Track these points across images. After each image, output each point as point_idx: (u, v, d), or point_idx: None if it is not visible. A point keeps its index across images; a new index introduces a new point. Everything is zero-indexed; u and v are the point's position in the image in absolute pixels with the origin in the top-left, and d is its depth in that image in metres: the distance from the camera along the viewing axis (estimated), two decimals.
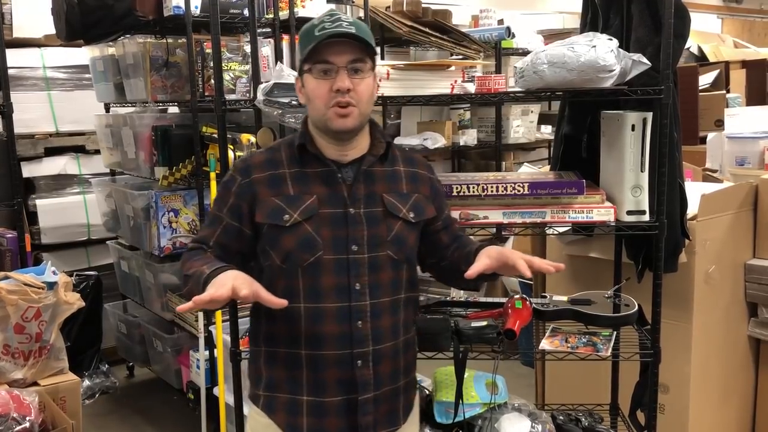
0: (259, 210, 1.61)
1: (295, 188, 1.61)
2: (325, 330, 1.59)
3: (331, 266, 1.59)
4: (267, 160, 1.65)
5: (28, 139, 3.99)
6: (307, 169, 1.63)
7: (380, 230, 1.63)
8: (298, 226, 1.58)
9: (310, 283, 1.59)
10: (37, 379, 2.65)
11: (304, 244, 1.58)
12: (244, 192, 1.62)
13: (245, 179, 1.63)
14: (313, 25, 1.57)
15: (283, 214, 1.59)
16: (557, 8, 5.86)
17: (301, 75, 1.62)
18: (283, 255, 1.59)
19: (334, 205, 1.61)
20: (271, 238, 1.60)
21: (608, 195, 2.16)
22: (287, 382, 1.64)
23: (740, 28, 8.28)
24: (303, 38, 1.59)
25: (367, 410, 1.63)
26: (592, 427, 2.31)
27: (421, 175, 1.74)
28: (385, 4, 4.29)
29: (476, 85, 2.20)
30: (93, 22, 3.38)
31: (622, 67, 1.95)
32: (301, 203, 1.60)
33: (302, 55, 1.57)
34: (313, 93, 1.58)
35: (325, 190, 1.61)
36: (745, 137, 3.27)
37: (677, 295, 2.49)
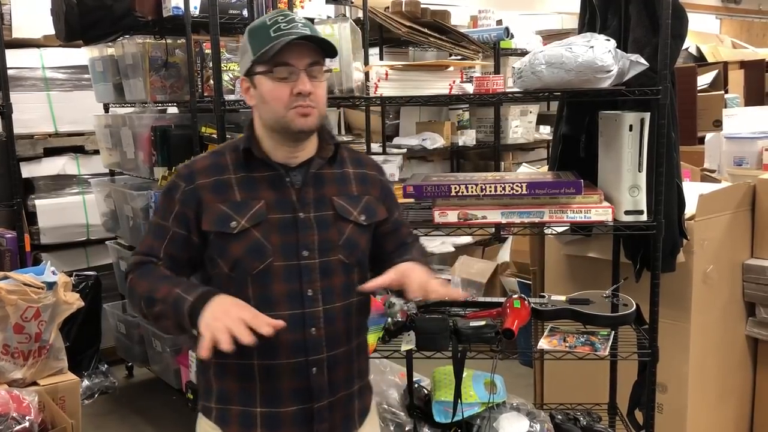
0: (205, 217, 1.55)
1: (242, 194, 1.56)
2: (278, 338, 1.50)
3: (281, 273, 1.54)
4: (211, 165, 1.59)
5: (28, 140, 3.99)
6: (254, 174, 1.58)
7: (331, 234, 1.59)
8: (246, 233, 1.53)
9: (260, 291, 1.54)
10: (36, 378, 2.64)
11: (252, 251, 1.53)
12: (189, 199, 1.56)
13: (189, 185, 1.57)
14: (265, 24, 1.53)
15: (230, 220, 1.53)
16: (556, 9, 5.87)
17: (250, 75, 1.55)
18: (232, 263, 1.54)
19: (282, 210, 1.56)
20: (219, 246, 1.55)
21: (606, 195, 2.17)
22: (240, 395, 1.58)
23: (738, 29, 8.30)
24: (255, 38, 1.54)
25: (323, 418, 1.59)
26: (591, 426, 2.32)
27: (370, 176, 1.70)
28: (383, 4, 4.30)
29: (475, 86, 2.21)
30: (92, 22, 3.38)
31: (619, 67, 1.96)
32: (248, 209, 1.54)
33: (255, 56, 1.51)
34: (270, 95, 1.52)
35: (273, 195, 1.56)
36: (743, 137, 3.28)
37: (675, 294, 2.50)
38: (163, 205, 1.60)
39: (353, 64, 2.11)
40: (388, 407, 2.31)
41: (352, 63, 2.10)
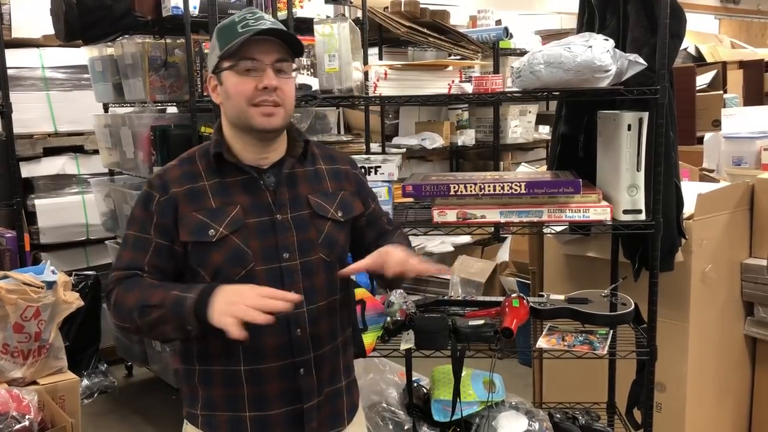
0: (182, 228, 1.52)
1: (217, 200, 1.53)
2: (264, 343, 1.52)
3: (263, 277, 1.52)
4: (184, 173, 1.56)
5: (27, 139, 4.00)
6: (227, 179, 1.55)
7: (310, 234, 1.58)
8: (225, 240, 1.50)
9: None
10: (36, 378, 2.65)
11: (233, 258, 1.51)
12: (165, 209, 1.53)
13: (164, 196, 1.53)
14: (234, 22, 1.52)
15: (208, 229, 1.51)
16: (555, 9, 5.88)
17: (217, 72, 1.54)
18: (213, 271, 1.51)
19: (259, 214, 1.54)
20: (198, 255, 1.52)
21: (605, 194, 2.17)
22: (227, 401, 1.56)
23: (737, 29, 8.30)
24: (222, 34, 1.52)
25: (312, 417, 1.58)
26: (589, 425, 2.32)
27: (343, 171, 1.69)
28: (383, 4, 4.31)
29: (473, 86, 2.21)
30: (91, 22, 3.39)
31: (618, 67, 1.96)
32: (225, 216, 1.52)
33: (222, 52, 1.50)
34: (234, 89, 1.50)
35: (248, 199, 1.54)
36: (741, 137, 3.28)
37: (674, 294, 2.50)
38: (139, 218, 1.55)
39: (352, 64, 2.11)
40: (388, 406, 2.32)
41: (351, 63, 2.10)
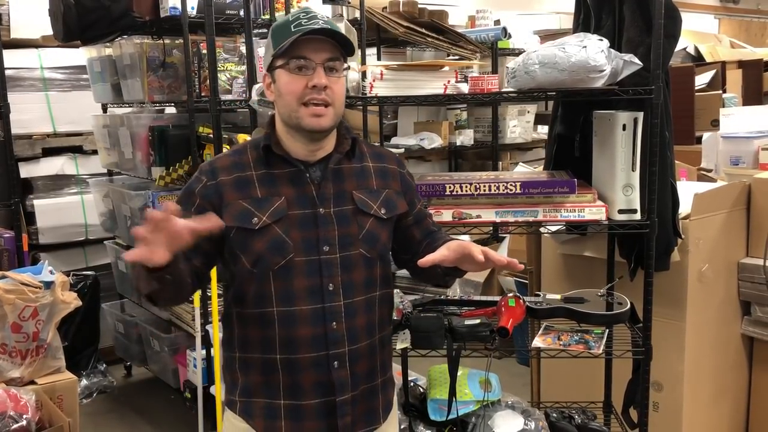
0: (226, 213, 1.55)
1: (263, 190, 1.57)
2: (299, 333, 1.56)
3: (302, 268, 1.55)
4: (233, 163, 1.61)
5: (26, 140, 4.00)
6: (274, 171, 1.59)
7: (351, 229, 1.60)
8: (267, 229, 1.54)
9: (282, 287, 1.56)
10: (34, 377, 2.66)
11: (274, 247, 1.55)
12: (210, 194, 1.57)
13: (211, 181, 1.59)
14: (288, 21, 1.54)
15: (252, 217, 1.55)
16: (553, 9, 5.87)
17: (272, 71, 1.58)
18: (254, 259, 1.55)
19: (303, 206, 1.57)
20: (240, 241, 1.56)
21: (600, 194, 2.18)
22: (263, 387, 1.61)
23: (737, 29, 8.30)
24: (276, 33, 1.55)
25: (345, 411, 1.60)
26: (585, 424, 2.33)
27: (390, 170, 1.71)
28: (381, 4, 4.31)
29: (470, 86, 2.21)
30: (90, 22, 3.40)
31: (612, 67, 1.97)
32: (269, 205, 1.56)
33: (275, 50, 1.53)
34: (285, 88, 1.54)
35: (293, 191, 1.58)
36: (739, 137, 3.29)
37: (671, 293, 2.51)
38: (183, 199, 1.60)
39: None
40: None
41: None
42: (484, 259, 1.50)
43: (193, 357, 3.32)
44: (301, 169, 1.59)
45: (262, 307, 1.56)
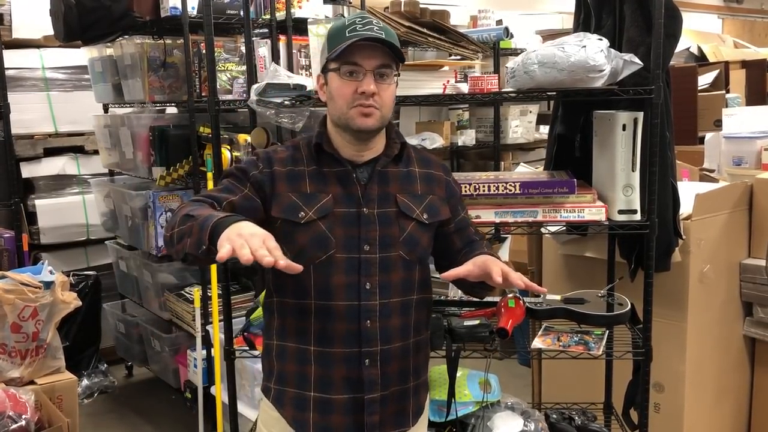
0: (275, 204, 1.62)
1: (312, 186, 1.63)
2: (334, 327, 1.61)
3: (342, 265, 1.60)
4: (289, 156, 1.67)
5: (28, 140, 4.01)
6: (324, 169, 1.65)
7: (392, 230, 1.64)
8: (312, 224, 1.60)
9: (321, 281, 1.60)
10: (33, 377, 2.65)
11: (317, 242, 1.59)
12: (264, 179, 1.63)
13: (267, 168, 1.64)
14: (344, 25, 1.59)
15: (299, 211, 1.60)
16: (556, 9, 5.86)
17: (325, 72, 1.63)
18: (297, 251, 1.58)
19: (348, 205, 1.62)
20: (285, 233, 1.60)
21: (600, 194, 2.17)
22: (296, 377, 1.65)
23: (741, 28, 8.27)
24: (333, 37, 1.60)
25: (373, 410, 1.63)
26: (585, 425, 2.32)
27: (436, 176, 1.75)
28: (382, 4, 4.30)
29: (470, 85, 2.20)
30: (90, 23, 3.40)
31: (612, 67, 1.96)
32: (316, 201, 1.61)
33: (330, 54, 1.59)
34: (337, 92, 1.59)
35: (340, 190, 1.63)
36: (742, 137, 3.27)
37: (672, 294, 2.50)
38: (239, 172, 1.65)
39: None
40: None
41: None
42: (502, 279, 1.53)
43: (193, 357, 3.31)
44: (349, 168, 1.64)
45: (300, 298, 1.61)
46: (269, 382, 1.72)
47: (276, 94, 2.16)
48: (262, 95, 2.13)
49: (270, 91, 2.15)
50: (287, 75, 2.28)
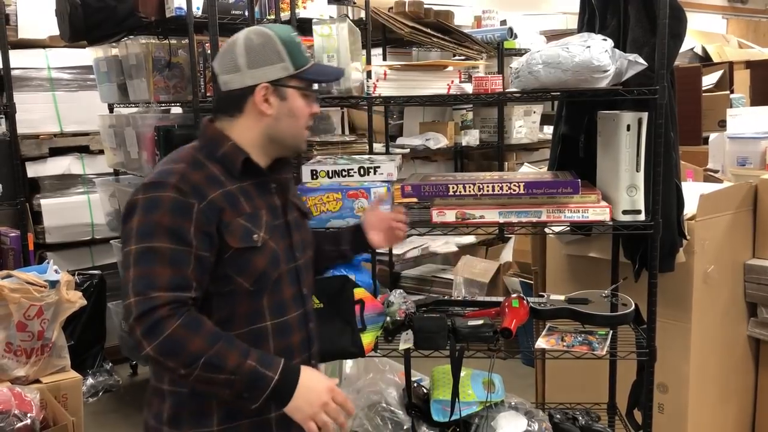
0: (228, 234, 1.47)
1: (248, 205, 1.53)
2: (292, 341, 1.59)
3: (287, 277, 1.59)
4: (206, 177, 1.50)
5: (33, 140, 4.02)
6: (244, 183, 1.55)
7: (305, 234, 1.70)
8: (266, 244, 1.53)
9: (274, 299, 1.56)
10: (38, 376, 2.67)
11: (272, 261, 1.54)
12: (209, 216, 1.46)
13: (203, 202, 1.46)
14: (297, 42, 1.57)
15: (252, 234, 1.51)
16: (560, 9, 5.85)
17: (278, 85, 1.54)
18: (255, 276, 1.51)
19: (276, 216, 1.60)
20: (240, 262, 1.49)
21: (604, 195, 2.17)
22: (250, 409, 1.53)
23: (745, 29, 8.25)
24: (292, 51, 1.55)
25: None
26: (589, 425, 2.32)
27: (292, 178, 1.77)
28: (387, 4, 4.31)
29: (474, 86, 2.21)
30: (96, 23, 3.41)
31: (617, 67, 1.96)
32: (260, 219, 1.54)
33: (296, 71, 1.55)
34: (300, 111, 1.57)
35: (265, 203, 1.58)
36: (746, 137, 3.27)
37: (676, 294, 2.49)
38: (172, 227, 1.42)
39: (351, 65, 2.12)
40: (387, 406, 2.32)
41: (350, 63, 2.10)
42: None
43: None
44: (267, 179, 1.61)
45: (253, 324, 1.53)
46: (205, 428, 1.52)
47: None
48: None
49: None
50: None
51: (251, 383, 1.40)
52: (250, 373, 1.39)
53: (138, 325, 1.38)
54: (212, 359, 1.38)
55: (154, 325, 1.37)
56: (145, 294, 1.39)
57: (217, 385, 1.40)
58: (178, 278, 1.41)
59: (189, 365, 1.38)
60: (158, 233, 1.41)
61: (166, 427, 1.53)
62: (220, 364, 1.38)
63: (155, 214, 1.42)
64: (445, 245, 4.49)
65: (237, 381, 1.39)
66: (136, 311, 1.38)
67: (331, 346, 2.08)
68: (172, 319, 1.38)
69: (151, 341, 1.37)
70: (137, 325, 1.38)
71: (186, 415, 1.52)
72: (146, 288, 1.39)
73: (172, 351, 1.38)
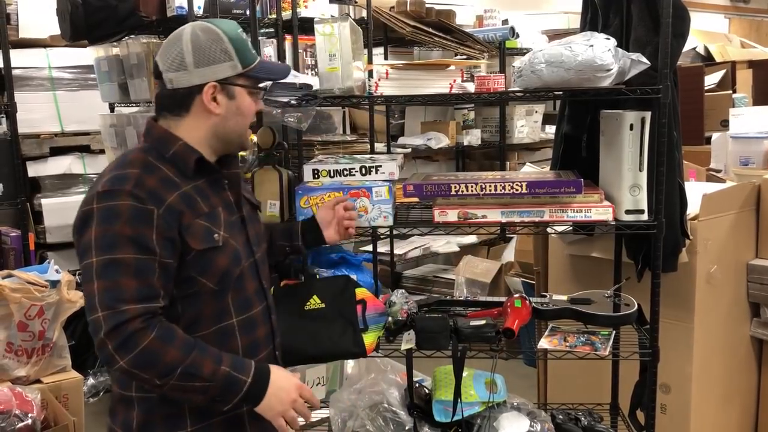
0: (189, 237, 1.46)
1: (204, 204, 1.53)
2: (257, 335, 1.61)
3: (248, 272, 1.61)
4: (161, 180, 1.48)
5: (34, 139, 4.01)
6: (197, 182, 1.54)
7: (258, 228, 1.71)
8: (226, 243, 1.53)
9: (239, 296, 1.57)
10: (39, 376, 2.66)
11: (234, 259, 1.55)
12: (169, 222, 1.44)
13: (161, 207, 1.44)
14: (244, 39, 1.56)
15: (213, 234, 1.50)
16: (562, 8, 5.85)
17: (225, 84, 1.53)
18: (219, 276, 1.51)
19: (232, 212, 1.61)
20: (204, 263, 1.49)
21: (607, 194, 2.16)
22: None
23: (747, 28, 8.23)
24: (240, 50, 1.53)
25: None
26: (592, 426, 2.31)
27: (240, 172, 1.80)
28: (388, 4, 4.30)
29: (476, 85, 2.20)
30: (97, 22, 3.40)
31: (620, 66, 1.95)
32: (218, 218, 1.54)
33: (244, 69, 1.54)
34: (248, 110, 1.58)
35: (219, 200, 1.58)
36: (749, 137, 3.26)
37: (679, 294, 2.48)
38: (133, 237, 1.40)
39: (353, 63, 2.11)
40: (389, 406, 2.31)
41: (351, 62, 2.09)
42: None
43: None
44: (219, 176, 1.61)
45: (219, 323, 1.54)
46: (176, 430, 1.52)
47: (282, 93, 2.15)
48: (269, 94, 2.13)
49: (276, 90, 2.15)
50: (293, 74, 2.27)
51: (226, 388, 1.43)
52: (225, 378, 1.43)
53: (110, 340, 1.37)
54: (188, 369, 1.39)
55: (127, 339, 1.37)
56: (114, 308, 1.37)
57: (191, 392, 1.42)
58: (145, 289, 1.40)
59: (165, 376, 1.39)
60: (120, 244, 1.40)
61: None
62: (196, 373, 1.40)
63: (115, 225, 1.40)
64: (447, 245, 4.49)
65: (212, 387, 1.42)
66: (106, 326, 1.37)
67: (333, 347, 2.08)
68: (146, 332, 1.38)
69: (125, 355, 1.37)
70: (108, 339, 1.37)
71: (158, 420, 1.51)
72: (114, 301, 1.38)
73: (148, 363, 1.38)
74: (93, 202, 1.43)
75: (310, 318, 2.09)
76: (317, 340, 2.07)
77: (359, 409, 2.32)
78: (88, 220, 1.42)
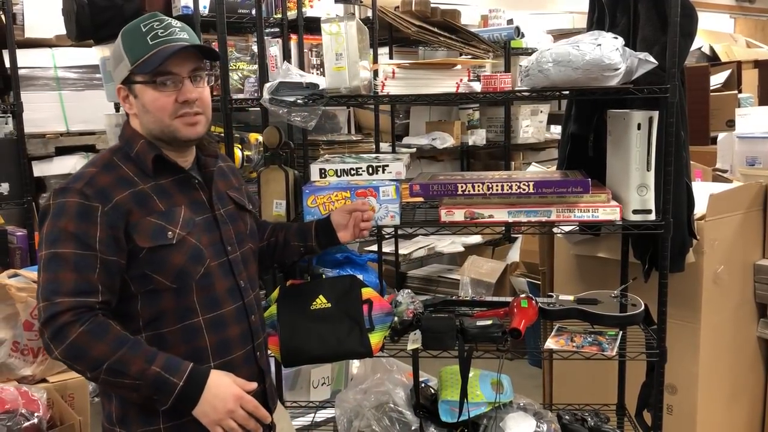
0: (137, 235, 1.48)
1: (162, 203, 1.53)
2: (229, 334, 1.60)
3: (217, 272, 1.59)
4: (116, 179, 1.51)
5: (39, 139, 4.01)
6: (161, 181, 1.55)
7: (240, 226, 1.69)
8: (183, 241, 1.53)
9: (205, 294, 1.56)
10: (45, 376, 2.66)
11: (193, 257, 1.54)
12: (114, 219, 1.46)
13: (108, 205, 1.47)
14: (141, 32, 1.51)
15: (166, 231, 1.51)
16: (567, 8, 5.84)
17: (129, 84, 1.53)
18: (174, 274, 1.52)
19: (201, 212, 1.60)
20: (156, 260, 1.50)
21: (614, 194, 2.15)
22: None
23: (753, 28, 8.21)
24: (130, 45, 1.51)
25: (272, 393, 1.77)
26: (598, 426, 2.30)
27: (233, 167, 1.83)
28: (393, 3, 4.30)
29: (482, 84, 2.19)
30: (102, 22, 3.40)
31: (627, 65, 1.94)
32: (176, 216, 1.54)
33: (134, 65, 1.49)
34: (153, 105, 1.51)
35: (186, 199, 1.58)
36: (755, 137, 3.25)
37: (685, 295, 2.48)
38: (76, 232, 1.44)
39: (359, 63, 2.10)
40: (395, 406, 2.31)
41: (358, 61, 2.09)
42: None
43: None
44: (188, 175, 1.60)
45: (186, 320, 1.55)
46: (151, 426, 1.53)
47: (288, 92, 2.15)
48: (275, 94, 2.13)
49: (282, 89, 2.15)
50: (299, 74, 2.27)
51: (156, 387, 1.44)
52: (154, 378, 1.43)
53: (45, 330, 1.43)
54: (114, 365, 1.42)
55: (58, 331, 1.42)
56: (50, 299, 1.43)
57: (124, 389, 1.45)
58: (83, 283, 1.44)
59: (93, 369, 1.43)
60: (63, 239, 1.45)
61: (118, 427, 1.57)
62: (122, 370, 1.42)
63: (61, 220, 1.46)
64: (452, 245, 4.48)
65: (142, 386, 1.43)
66: (42, 316, 1.43)
67: (339, 346, 2.07)
68: (76, 325, 1.42)
69: (57, 346, 1.43)
70: (44, 329, 1.43)
71: (133, 415, 1.55)
72: (51, 294, 1.43)
73: (77, 356, 1.43)
74: (50, 198, 1.50)
75: (316, 318, 2.09)
76: (323, 339, 2.07)
77: (365, 409, 2.32)
78: (45, 216, 1.50)
